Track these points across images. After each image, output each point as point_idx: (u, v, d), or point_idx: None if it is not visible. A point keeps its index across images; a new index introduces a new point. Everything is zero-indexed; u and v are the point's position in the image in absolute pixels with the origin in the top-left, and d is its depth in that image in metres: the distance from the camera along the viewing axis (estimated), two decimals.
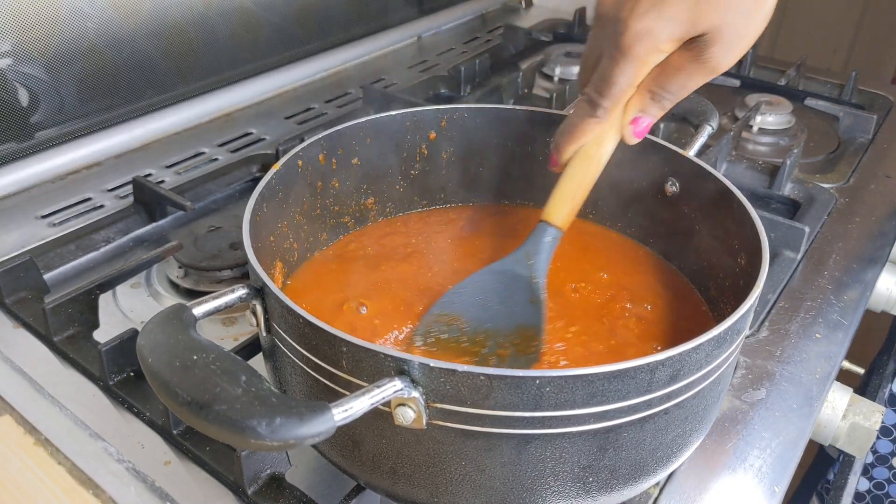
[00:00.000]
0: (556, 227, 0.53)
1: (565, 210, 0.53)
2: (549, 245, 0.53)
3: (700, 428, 0.44)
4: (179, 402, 0.33)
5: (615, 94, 0.49)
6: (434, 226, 0.65)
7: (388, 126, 0.61)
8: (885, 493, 0.92)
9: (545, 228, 0.53)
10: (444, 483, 0.40)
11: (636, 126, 0.51)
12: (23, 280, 0.64)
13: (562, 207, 0.53)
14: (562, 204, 0.53)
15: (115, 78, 0.88)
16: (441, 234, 0.64)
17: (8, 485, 0.50)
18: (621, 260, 0.62)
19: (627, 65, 0.47)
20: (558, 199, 0.53)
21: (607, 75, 0.49)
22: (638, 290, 0.58)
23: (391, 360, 0.37)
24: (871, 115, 0.98)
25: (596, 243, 0.63)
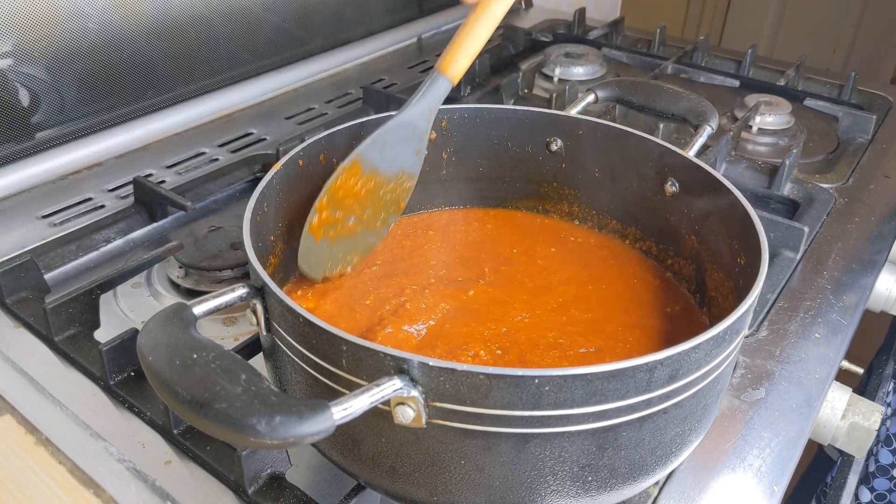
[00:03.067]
0: (449, 81, 0.56)
1: (461, 64, 0.56)
2: (442, 98, 0.57)
3: (699, 427, 0.44)
4: (179, 400, 0.33)
5: None
6: (434, 227, 0.65)
7: None
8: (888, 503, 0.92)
9: (443, 81, 0.56)
10: (444, 482, 0.40)
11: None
12: (23, 280, 0.65)
13: (459, 61, 0.55)
14: (459, 57, 0.55)
15: (116, 78, 0.88)
16: (441, 235, 0.64)
17: (9, 484, 0.50)
18: (621, 259, 0.62)
19: None
20: (456, 51, 0.55)
21: None
22: (637, 290, 0.58)
23: (391, 359, 0.37)
24: (870, 115, 0.98)
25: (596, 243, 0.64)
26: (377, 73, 1.11)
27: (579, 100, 0.67)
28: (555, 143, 0.63)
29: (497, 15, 0.55)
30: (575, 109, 0.65)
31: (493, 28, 0.56)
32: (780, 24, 1.75)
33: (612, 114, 0.96)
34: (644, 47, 1.22)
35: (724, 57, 1.19)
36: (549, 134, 0.63)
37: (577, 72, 1.10)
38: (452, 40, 0.56)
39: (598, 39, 1.22)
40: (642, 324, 0.54)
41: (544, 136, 0.63)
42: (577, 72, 1.10)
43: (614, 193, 0.63)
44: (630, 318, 0.55)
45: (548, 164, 0.64)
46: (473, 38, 0.55)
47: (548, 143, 0.64)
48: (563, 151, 0.63)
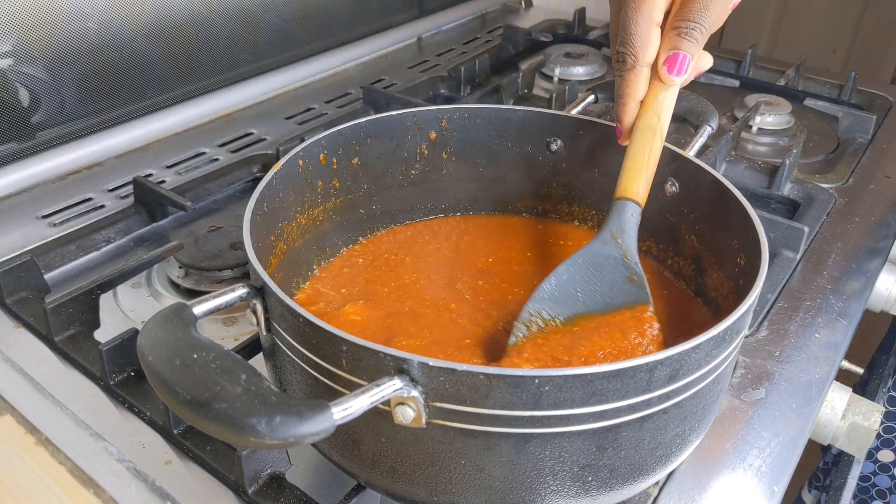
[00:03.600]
0: (635, 203, 0.52)
1: (640, 183, 0.52)
2: (634, 221, 0.51)
3: (699, 427, 0.44)
4: (179, 400, 0.33)
5: (637, 36, 0.50)
6: (435, 227, 0.65)
7: (389, 126, 0.61)
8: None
9: (625, 205, 0.51)
10: (444, 482, 0.40)
11: (671, 64, 0.51)
12: (23, 280, 0.65)
13: (635, 181, 0.52)
14: (634, 177, 0.52)
15: (116, 78, 0.88)
16: (441, 236, 0.64)
17: (9, 484, 0.50)
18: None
19: (639, 3, 0.49)
20: (628, 173, 0.52)
21: (625, 23, 0.50)
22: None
23: (391, 359, 0.37)
24: (870, 115, 0.98)
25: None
26: (377, 73, 1.11)
27: (579, 100, 0.67)
28: (555, 143, 0.63)
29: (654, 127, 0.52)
30: (575, 109, 0.65)
31: (656, 140, 0.52)
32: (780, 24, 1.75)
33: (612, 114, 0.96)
34: None
35: (724, 57, 1.19)
36: (549, 134, 0.63)
37: (577, 72, 1.10)
38: (623, 165, 0.52)
39: (598, 39, 1.21)
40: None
41: (544, 136, 0.63)
42: (577, 72, 1.10)
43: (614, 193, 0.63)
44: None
45: (548, 164, 0.64)
46: (641, 155, 0.52)
47: (548, 143, 0.64)
48: (563, 151, 0.63)
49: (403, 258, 0.61)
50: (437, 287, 0.58)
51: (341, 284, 0.59)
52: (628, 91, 0.52)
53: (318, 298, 0.57)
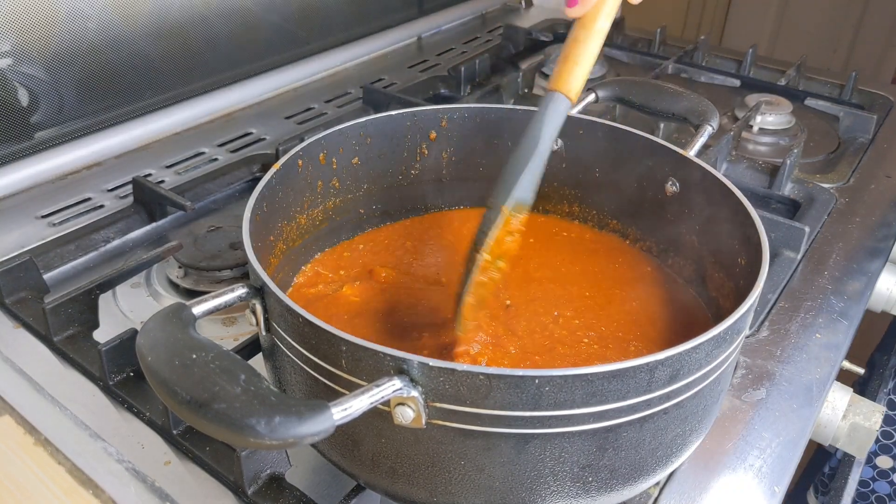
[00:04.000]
0: (569, 99, 0.51)
1: (580, 80, 0.51)
2: (563, 117, 0.52)
3: (700, 428, 0.44)
4: (179, 400, 0.33)
5: None
6: (435, 228, 0.65)
7: (389, 126, 0.61)
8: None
9: (561, 100, 0.51)
10: (444, 482, 0.40)
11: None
12: (23, 280, 0.64)
13: (578, 76, 0.51)
14: (577, 72, 0.51)
15: (115, 78, 0.88)
16: (441, 236, 0.64)
17: (8, 484, 0.50)
18: (620, 259, 0.62)
19: None
20: (574, 67, 0.51)
21: None
22: (637, 290, 0.58)
23: (390, 359, 0.37)
24: (871, 115, 0.98)
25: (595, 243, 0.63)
26: (377, 72, 1.11)
27: (580, 100, 0.67)
28: (555, 142, 0.63)
29: (603, 30, 0.51)
30: (575, 109, 0.65)
31: (601, 43, 0.52)
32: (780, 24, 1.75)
33: (612, 114, 0.96)
34: (644, 47, 1.22)
35: (725, 57, 1.19)
36: None
37: None
38: (563, 58, 0.51)
39: None
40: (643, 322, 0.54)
41: None
42: None
43: (614, 193, 0.63)
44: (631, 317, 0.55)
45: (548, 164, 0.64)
46: (587, 54, 0.51)
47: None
48: (564, 151, 0.63)
49: (404, 242, 0.61)
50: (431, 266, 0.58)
51: (340, 267, 0.59)
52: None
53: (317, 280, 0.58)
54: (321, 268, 0.59)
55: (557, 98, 0.51)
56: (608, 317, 0.55)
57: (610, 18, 0.51)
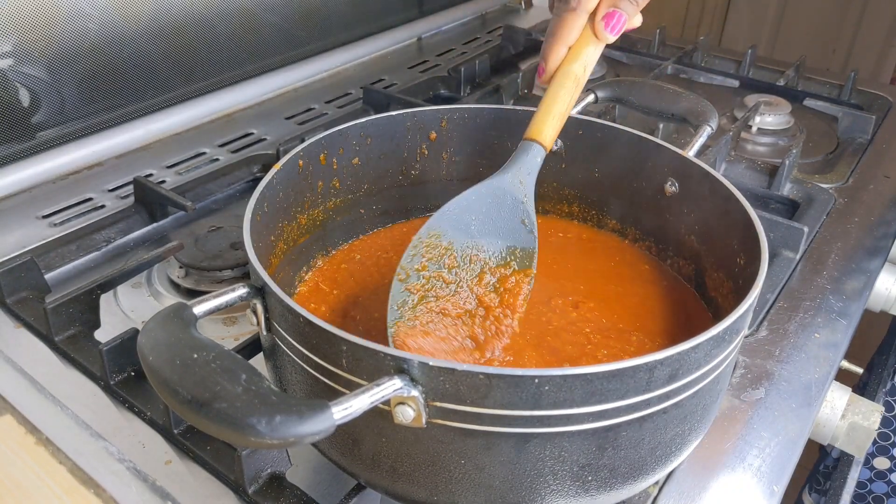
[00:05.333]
0: (542, 146, 0.53)
1: (551, 128, 0.53)
2: (537, 164, 0.53)
3: (699, 427, 0.45)
4: (180, 399, 0.33)
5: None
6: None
7: (389, 126, 0.61)
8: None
9: (532, 147, 0.53)
10: (444, 481, 0.40)
11: (609, 21, 0.52)
12: (24, 280, 0.65)
13: (547, 125, 0.53)
14: (547, 121, 0.53)
15: (116, 78, 0.88)
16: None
17: (9, 484, 0.50)
18: (620, 260, 0.62)
19: None
20: (543, 116, 0.53)
21: None
22: (636, 290, 0.58)
23: (391, 358, 0.37)
24: (869, 115, 0.98)
25: (595, 243, 0.64)
26: (377, 73, 1.11)
27: (579, 100, 0.67)
28: (555, 143, 0.63)
29: (575, 74, 0.53)
30: (575, 109, 0.65)
31: (574, 88, 0.53)
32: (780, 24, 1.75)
33: (612, 114, 0.96)
34: (644, 47, 1.22)
35: (724, 57, 1.19)
36: None
37: None
38: (539, 107, 0.53)
39: None
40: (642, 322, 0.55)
41: None
42: None
43: (614, 193, 0.63)
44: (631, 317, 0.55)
45: (547, 164, 0.64)
46: (556, 102, 0.53)
47: None
48: (563, 151, 0.64)
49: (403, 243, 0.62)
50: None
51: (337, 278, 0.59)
52: (562, 33, 0.53)
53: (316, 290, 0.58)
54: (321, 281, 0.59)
55: (525, 143, 0.53)
56: (608, 309, 0.55)
57: (579, 62, 0.53)
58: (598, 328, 0.53)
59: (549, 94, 0.53)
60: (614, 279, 0.59)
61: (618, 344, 0.52)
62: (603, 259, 0.62)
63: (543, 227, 0.65)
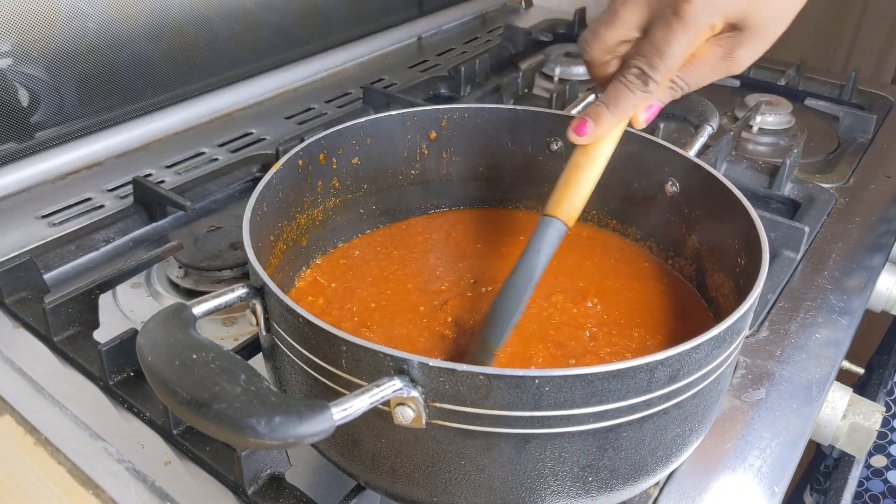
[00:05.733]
0: (564, 224, 0.50)
1: (575, 207, 0.50)
2: (557, 243, 0.50)
3: (700, 428, 0.44)
4: (179, 400, 0.33)
5: (670, 66, 0.46)
6: (435, 228, 0.65)
7: (389, 126, 0.61)
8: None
9: (559, 227, 0.50)
10: (444, 482, 0.40)
11: (649, 112, 0.49)
12: (23, 280, 0.64)
13: (572, 204, 0.50)
14: (572, 201, 0.50)
15: (116, 78, 0.88)
16: (441, 236, 0.64)
17: (8, 484, 0.50)
18: (620, 260, 0.62)
19: (687, 34, 0.44)
20: (569, 195, 0.50)
21: (663, 45, 0.45)
22: (637, 290, 0.58)
23: (390, 359, 0.37)
24: (870, 115, 0.98)
25: (595, 243, 0.63)
26: (377, 72, 1.11)
27: (580, 99, 0.67)
28: (555, 143, 0.63)
29: (607, 155, 0.50)
30: (575, 109, 0.65)
31: (603, 168, 0.50)
32: None
33: None
34: None
35: None
36: (549, 134, 0.63)
37: (578, 71, 1.10)
38: (563, 183, 0.50)
39: None
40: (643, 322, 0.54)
41: (544, 136, 0.63)
42: (578, 71, 1.10)
43: (614, 193, 0.63)
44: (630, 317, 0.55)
45: (548, 164, 0.64)
46: (586, 181, 0.50)
47: (548, 143, 0.63)
48: (564, 151, 0.63)
49: (402, 243, 0.62)
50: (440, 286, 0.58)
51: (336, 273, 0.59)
52: (629, 108, 0.48)
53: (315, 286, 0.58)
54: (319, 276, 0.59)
55: (553, 223, 0.50)
56: (607, 304, 0.55)
57: (614, 144, 0.50)
58: (599, 323, 0.54)
59: (581, 172, 0.50)
60: (612, 275, 0.59)
61: (620, 340, 0.52)
62: (602, 256, 0.62)
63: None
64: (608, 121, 0.49)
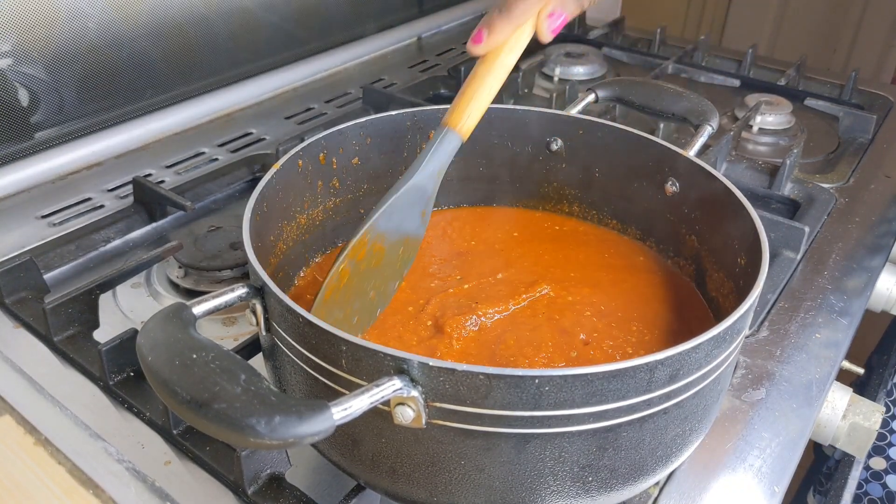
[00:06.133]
0: (461, 137, 0.51)
1: (473, 119, 0.51)
2: (452, 156, 0.51)
3: (700, 428, 0.44)
4: (179, 400, 0.33)
5: None
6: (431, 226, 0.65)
7: (388, 126, 0.61)
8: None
9: (453, 138, 0.51)
10: (444, 482, 0.40)
11: (552, 20, 0.49)
12: (23, 280, 0.64)
13: (471, 115, 0.51)
14: (472, 111, 0.51)
15: (115, 78, 0.88)
16: (441, 236, 0.64)
17: (8, 485, 0.50)
18: (621, 260, 0.62)
19: None
20: (469, 104, 0.50)
21: None
22: (638, 290, 0.58)
23: (390, 359, 0.37)
24: (870, 115, 0.98)
25: (595, 243, 0.63)
26: (377, 72, 1.11)
27: (579, 99, 0.67)
28: (555, 143, 0.63)
29: (508, 65, 0.50)
30: (575, 109, 0.65)
31: (503, 78, 0.51)
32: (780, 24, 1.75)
33: (612, 114, 0.96)
34: (644, 47, 1.22)
35: (725, 57, 1.19)
36: (549, 134, 0.63)
37: (578, 71, 1.10)
38: (460, 93, 0.51)
39: (598, 39, 1.21)
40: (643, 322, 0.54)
41: (544, 136, 0.63)
42: (578, 71, 1.10)
43: (614, 193, 0.63)
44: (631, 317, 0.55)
45: (548, 164, 0.64)
46: (484, 90, 0.50)
47: (548, 143, 0.64)
48: (564, 151, 0.63)
49: None
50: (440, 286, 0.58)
51: None
52: (517, 13, 0.48)
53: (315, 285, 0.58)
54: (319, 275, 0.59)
55: (446, 133, 0.51)
56: (604, 293, 0.56)
57: (515, 54, 0.51)
58: (598, 313, 0.54)
59: (478, 81, 0.50)
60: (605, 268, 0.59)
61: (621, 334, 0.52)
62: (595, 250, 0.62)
63: (541, 220, 0.66)
64: (502, 28, 0.49)
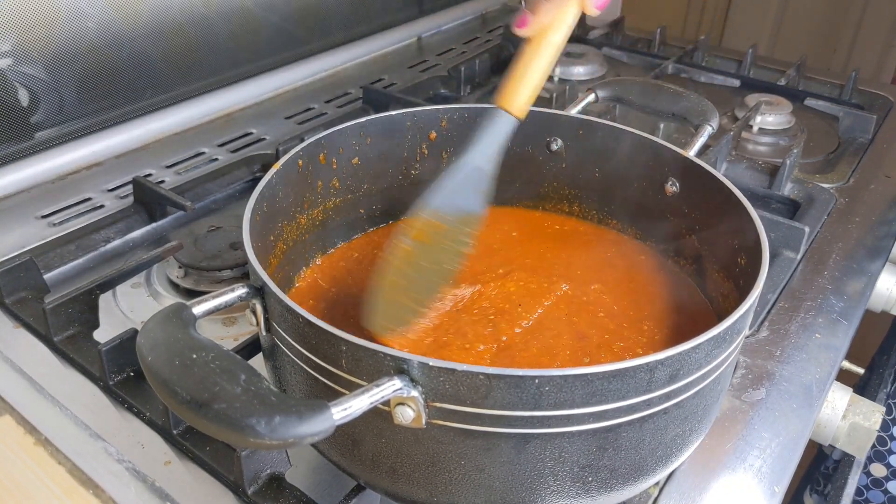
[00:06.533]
0: (515, 117, 0.51)
1: (526, 99, 0.51)
2: (509, 137, 0.51)
3: (700, 428, 0.44)
4: (179, 400, 0.33)
5: None
6: None
7: (389, 126, 0.61)
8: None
9: (506, 118, 0.51)
10: (444, 482, 0.40)
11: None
12: (23, 280, 0.64)
13: (525, 96, 0.51)
14: (526, 92, 0.51)
15: (115, 78, 0.88)
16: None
17: (8, 485, 0.50)
18: (622, 260, 0.62)
19: None
20: (522, 86, 0.50)
21: None
22: (637, 290, 0.58)
23: (390, 359, 0.37)
24: (870, 115, 0.98)
25: (595, 243, 0.63)
26: (377, 72, 1.11)
27: (579, 99, 0.67)
28: (555, 143, 0.63)
29: (556, 43, 0.50)
30: (575, 109, 0.65)
31: (552, 57, 0.50)
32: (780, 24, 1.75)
33: (612, 114, 0.96)
34: (644, 47, 1.22)
35: (725, 57, 1.19)
36: (549, 134, 0.63)
37: (578, 71, 1.10)
38: (508, 74, 0.51)
39: (598, 39, 1.21)
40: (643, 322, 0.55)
41: (544, 136, 0.63)
42: (578, 71, 1.10)
43: (614, 193, 0.63)
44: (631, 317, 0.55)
45: (548, 164, 0.64)
46: (532, 70, 0.50)
47: (548, 143, 0.64)
48: (563, 151, 0.63)
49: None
50: None
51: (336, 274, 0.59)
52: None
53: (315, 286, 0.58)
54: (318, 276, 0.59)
55: (499, 114, 0.51)
56: (611, 293, 0.56)
57: (562, 33, 0.50)
58: (610, 313, 0.54)
59: (529, 61, 0.50)
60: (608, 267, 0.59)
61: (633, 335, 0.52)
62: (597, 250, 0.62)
63: (541, 220, 0.66)
64: (547, 9, 0.49)
